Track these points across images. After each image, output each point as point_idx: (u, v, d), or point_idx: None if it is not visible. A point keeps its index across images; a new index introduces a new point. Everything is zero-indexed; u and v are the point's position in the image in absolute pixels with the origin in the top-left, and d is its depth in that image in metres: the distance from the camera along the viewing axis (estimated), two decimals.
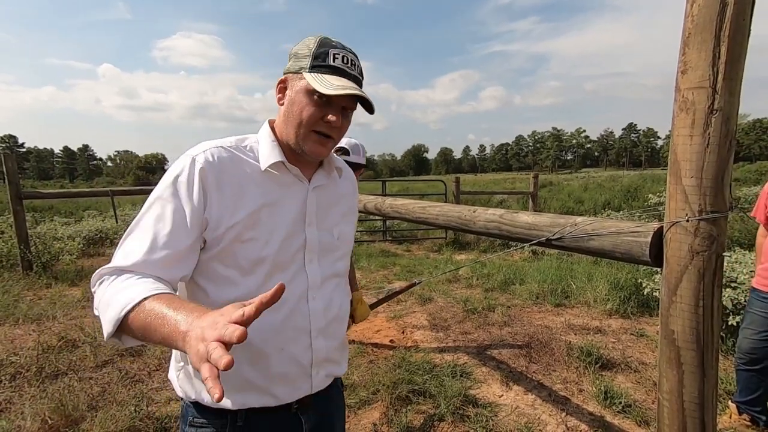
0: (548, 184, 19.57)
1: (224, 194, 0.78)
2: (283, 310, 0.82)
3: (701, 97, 0.88)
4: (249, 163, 0.82)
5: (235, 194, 0.79)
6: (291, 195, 0.86)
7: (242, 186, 0.80)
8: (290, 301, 0.83)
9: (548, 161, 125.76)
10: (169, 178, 0.77)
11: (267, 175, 0.83)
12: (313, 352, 0.87)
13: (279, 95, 0.85)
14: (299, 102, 0.80)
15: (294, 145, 0.83)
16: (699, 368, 0.93)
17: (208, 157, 0.78)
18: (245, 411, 0.83)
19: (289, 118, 0.83)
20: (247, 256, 0.79)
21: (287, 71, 0.84)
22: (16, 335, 3.36)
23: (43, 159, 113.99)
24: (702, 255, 0.90)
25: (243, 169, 0.81)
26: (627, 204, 11.20)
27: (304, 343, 0.86)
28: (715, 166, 0.88)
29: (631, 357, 2.95)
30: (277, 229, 0.82)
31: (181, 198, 0.75)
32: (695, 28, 0.88)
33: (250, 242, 0.79)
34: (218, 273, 0.80)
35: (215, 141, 0.84)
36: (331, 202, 0.93)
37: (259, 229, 0.80)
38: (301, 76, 0.80)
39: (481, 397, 2.49)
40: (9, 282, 4.85)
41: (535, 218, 1.41)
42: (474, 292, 4.61)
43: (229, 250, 0.78)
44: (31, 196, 5.99)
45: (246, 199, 0.80)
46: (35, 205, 13.09)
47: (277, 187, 0.84)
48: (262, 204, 0.81)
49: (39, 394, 2.42)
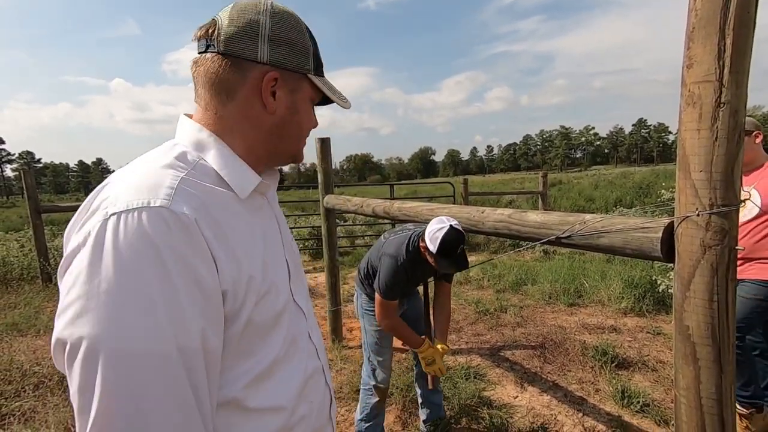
0: (558, 183, 19.37)
1: (229, 247, 0.53)
2: (302, 359, 0.66)
3: (708, 91, 0.88)
4: (221, 194, 0.57)
5: (239, 241, 0.56)
6: (268, 220, 0.67)
7: (236, 229, 0.56)
8: (302, 344, 0.67)
9: (557, 160, 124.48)
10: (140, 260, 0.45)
11: (244, 204, 0.61)
12: (330, 391, 0.75)
13: (268, 97, 0.60)
14: (304, 110, 0.65)
15: (283, 157, 0.67)
16: (716, 363, 0.92)
17: (191, 198, 0.51)
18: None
19: (286, 128, 0.63)
20: (266, 316, 0.58)
21: (279, 64, 0.60)
22: (38, 346, 3.45)
23: (59, 173, 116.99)
24: (714, 249, 0.90)
25: (223, 205, 0.56)
26: (639, 200, 11.03)
27: (321, 384, 0.71)
28: (724, 159, 0.87)
29: (648, 356, 2.90)
30: (278, 267, 0.64)
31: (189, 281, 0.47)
32: (699, 22, 0.88)
33: (266, 297, 0.58)
34: (236, 350, 0.55)
35: (161, 171, 0.53)
36: (281, 216, 0.76)
37: (270, 275, 0.60)
38: (303, 78, 0.63)
39: (496, 399, 2.47)
40: (30, 294, 4.98)
41: (544, 217, 1.41)
42: (485, 294, 4.58)
43: (249, 319, 0.55)
44: (50, 209, 6.15)
45: (251, 242, 0.58)
46: (53, 219, 13.42)
47: (257, 215, 0.64)
48: (264, 244, 0.61)
49: (62, 403, 2.48)
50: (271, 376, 0.59)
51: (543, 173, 8.88)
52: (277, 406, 0.60)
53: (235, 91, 0.59)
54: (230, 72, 0.58)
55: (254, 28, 0.58)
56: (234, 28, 0.57)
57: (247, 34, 0.58)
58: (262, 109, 0.61)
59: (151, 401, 0.44)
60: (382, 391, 1.94)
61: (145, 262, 0.45)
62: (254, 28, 0.58)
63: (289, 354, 0.63)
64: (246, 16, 0.58)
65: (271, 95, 0.60)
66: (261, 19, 0.58)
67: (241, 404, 0.56)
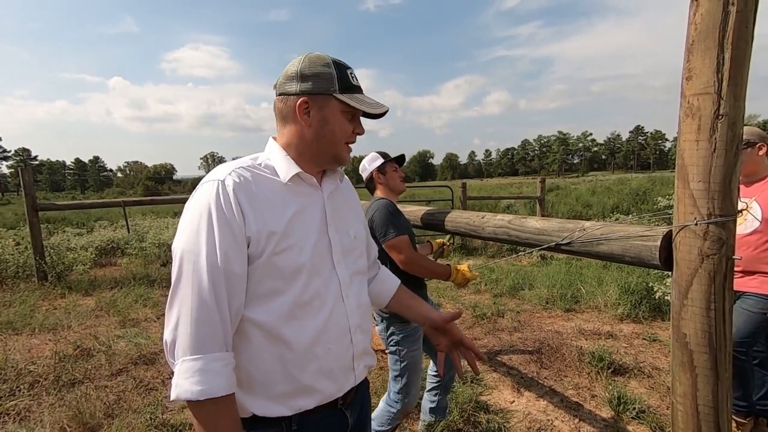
0: (555, 188, 19.45)
1: (257, 210, 0.81)
2: (325, 312, 0.88)
3: (706, 103, 0.90)
4: (269, 179, 0.87)
5: (266, 208, 0.82)
6: (311, 203, 0.91)
7: (270, 200, 0.84)
8: (329, 303, 0.89)
9: (555, 165, 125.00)
10: (202, 207, 0.78)
11: (288, 188, 0.88)
12: (353, 347, 0.93)
13: (303, 116, 0.88)
14: (335, 121, 0.89)
15: (326, 157, 0.92)
16: (712, 371, 0.93)
17: (234, 178, 0.81)
18: (298, 415, 0.86)
19: (321, 136, 0.89)
20: (287, 266, 0.83)
21: (307, 92, 0.87)
22: (33, 344, 3.43)
23: (56, 171, 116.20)
24: (712, 258, 0.91)
25: (267, 185, 0.85)
26: (636, 207, 11.08)
27: (346, 340, 0.92)
28: (722, 170, 0.89)
29: (643, 362, 2.92)
30: (307, 236, 0.87)
31: (223, 223, 0.77)
32: (698, 36, 0.90)
33: (287, 251, 0.83)
34: (264, 286, 0.82)
35: (231, 164, 0.87)
36: (343, 205, 1.01)
37: (292, 237, 0.84)
38: (329, 97, 0.88)
39: (493, 404, 2.48)
40: (25, 292, 4.95)
41: (544, 223, 1.42)
42: (483, 298, 4.60)
43: (269, 262, 0.81)
44: (47, 207, 6.12)
45: (277, 211, 0.84)
46: (48, 217, 13.34)
47: (299, 197, 0.89)
48: (292, 214, 0.85)
49: (57, 403, 2.47)
50: (294, 315, 0.84)
51: (541, 178, 8.92)
52: (293, 340, 0.83)
53: (287, 117, 0.91)
54: (283, 105, 0.90)
55: (292, 74, 0.89)
56: (282, 78, 0.91)
57: (288, 79, 0.89)
58: (303, 125, 0.89)
59: (189, 287, 0.76)
60: (408, 411, 1.96)
61: (202, 210, 0.78)
62: (292, 73, 0.89)
63: (313, 304, 0.86)
64: (290, 68, 0.90)
65: (305, 114, 0.88)
66: (297, 67, 0.88)
67: (272, 328, 0.82)
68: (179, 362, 0.75)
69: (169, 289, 0.79)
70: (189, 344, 0.74)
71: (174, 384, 0.74)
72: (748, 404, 2.09)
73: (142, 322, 3.97)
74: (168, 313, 0.78)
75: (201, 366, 0.74)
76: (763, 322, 1.95)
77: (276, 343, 0.83)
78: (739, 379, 2.05)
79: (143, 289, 4.98)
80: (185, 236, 0.78)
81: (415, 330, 1.85)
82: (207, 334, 0.75)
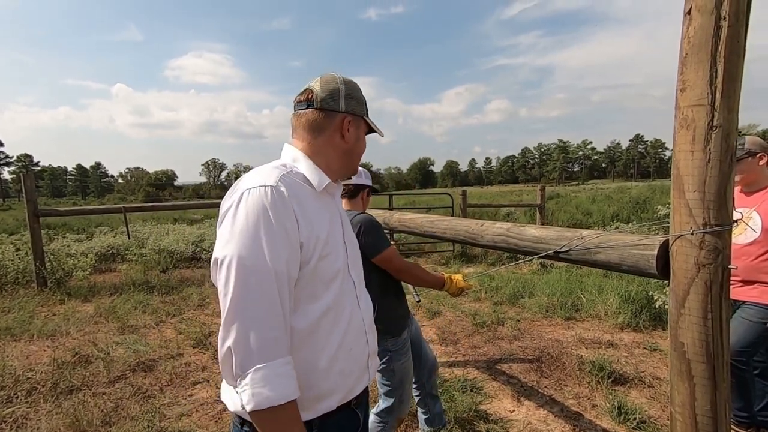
0: (556, 196, 19.48)
1: (306, 216, 0.84)
2: (346, 315, 0.92)
3: (700, 114, 0.91)
4: (305, 187, 0.90)
5: (312, 215, 0.86)
6: (334, 212, 0.98)
7: (313, 207, 0.88)
8: (349, 306, 0.94)
9: (555, 173, 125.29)
10: (258, 212, 0.77)
11: (319, 197, 0.92)
12: (369, 347, 0.99)
13: (345, 132, 0.96)
14: (363, 139, 1.02)
15: (346, 170, 1.01)
16: (710, 381, 0.94)
17: (285, 184, 0.83)
18: (319, 417, 0.88)
19: (352, 151, 0.99)
20: (327, 271, 0.87)
21: (350, 112, 0.97)
22: (31, 351, 3.42)
23: (57, 177, 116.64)
24: (708, 267, 0.92)
25: (306, 193, 0.89)
26: (636, 216, 11.09)
27: (362, 340, 0.97)
28: (717, 180, 0.90)
29: (644, 371, 2.90)
30: (338, 242, 0.94)
31: (282, 228, 0.78)
32: (692, 49, 0.92)
33: (329, 257, 0.87)
34: (305, 291, 0.85)
35: (271, 170, 0.87)
36: (345, 214, 1.09)
37: (331, 244, 0.89)
38: (361, 119, 1.00)
39: (493, 413, 2.46)
40: (24, 298, 4.94)
41: (542, 231, 1.43)
42: (483, 306, 4.58)
43: (315, 268, 0.85)
44: (48, 213, 6.13)
45: (320, 218, 0.88)
46: (49, 222, 13.36)
47: (327, 205, 0.95)
48: (328, 221, 0.91)
49: (54, 410, 2.46)
50: (324, 320, 0.87)
51: (541, 186, 8.94)
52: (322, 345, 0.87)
53: (324, 129, 0.96)
54: (323, 118, 0.95)
55: (337, 92, 0.96)
56: (325, 93, 0.95)
57: (333, 95, 0.95)
58: (341, 140, 0.97)
59: (253, 294, 0.75)
60: (402, 419, 1.95)
61: (259, 215, 0.78)
62: (337, 92, 0.96)
63: (339, 308, 0.90)
64: (332, 86, 0.96)
65: (347, 131, 0.97)
66: (340, 87, 0.96)
67: (305, 333, 0.85)
68: (252, 371, 0.73)
69: (225, 300, 0.76)
70: (261, 352, 0.74)
71: (250, 394, 0.73)
72: (750, 415, 2.07)
73: (141, 329, 3.96)
74: (229, 324, 0.75)
75: (276, 371, 0.75)
76: (763, 332, 1.95)
77: (307, 348, 0.85)
78: (741, 390, 2.04)
79: (143, 296, 4.97)
80: (242, 243, 0.76)
81: (405, 341, 1.84)
82: (275, 339, 0.76)
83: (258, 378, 0.74)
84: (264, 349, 0.75)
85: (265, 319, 0.75)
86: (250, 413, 0.75)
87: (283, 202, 0.80)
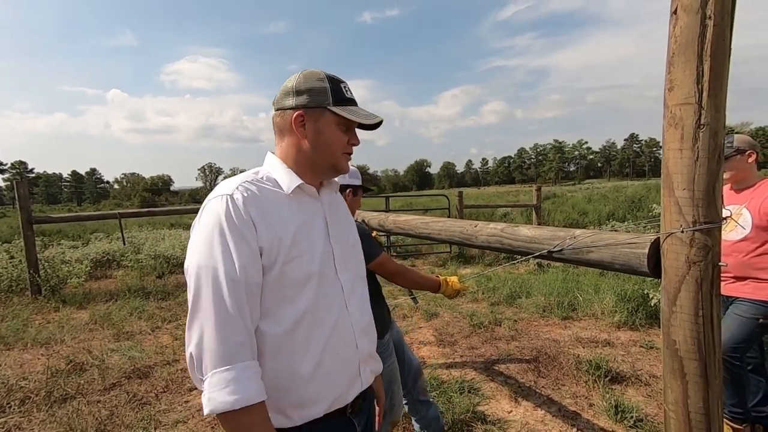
0: (552, 196, 19.56)
1: (267, 220, 0.83)
2: (331, 319, 0.90)
3: (688, 113, 0.92)
4: (273, 191, 0.89)
5: (275, 219, 0.85)
6: (313, 213, 0.95)
7: (277, 210, 0.86)
8: (334, 310, 0.91)
9: (551, 173, 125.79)
10: (213, 222, 0.79)
11: (291, 199, 0.90)
12: (359, 352, 0.96)
13: (299, 128, 0.91)
14: (329, 132, 0.92)
15: (324, 168, 0.95)
16: (702, 378, 0.94)
17: (243, 191, 0.83)
18: (307, 424, 0.86)
19: (316, 147, 0.92)
20: (298, 275, 0.85)
21: (302, 106, 0.90)
22: (25, 359, 3.38)
23: (52, 184, 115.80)
24: (698, 265, 0.92)
25: (272, 197, 0.88)
26: (631, 214, 11.15)
27: (351, 345, 0.94)
28: (705, 178, 0.91)
29: (641, 370, 2.91)
30: (314, 245, 0.90)
31: (237, 235, 0.78)
32: (678, 48, 0.92)
33: (297, 260, 0.85)
34: (275, 296, 0.84)
35: (235, 179, 0.88)
36: (339, 214, 1.04)
37: (301, 246, 0.87)
38: (323, 110, 0.91)
39: (490, 414, 2.46)
40: (18, 306, 4.89)
41: (536, 231, 1.43)
42: (480, 306, 4.59)
43: (281, 272, 0.83)
44: (42, 221, 6.09)
45: (284, 221, 0.86)
46: (44, 229, 13.26)
47: (303, 207, 0.92)
48: (299, 223, 0.88)
49: (48, 419, 2.43)
50: (302, 325, 0.85)
51: (537, 186, 8.96)
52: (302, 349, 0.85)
53: (285, 131, 0.93)
54: (281, 120, 0.93)
55: (288, 89, 0.92)
56: (280, 94, 0.94)
57: (285, 94, 0.93)
58: (299, 137, 0.92)
59: (209, 301, 0.76)
60: (397, 422, 1.94)
61: (214, 225, 0.79)
62: (288, 89, 0.92)
63: (320, 312, 0.88)
64: (287, 85, 0.93)
65: (301, 127, 0.91)
66: (292, 83, 0.92)
67: (282, 338, 0.84)
68: (209, 375, 0.74)
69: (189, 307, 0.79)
70: (218, 356, 0.74)
71: (207, 398, 0.74)
72: (744, 411, 2.08)
73: (137, 335, 3.92)
74: (189, 329, 0.78)
75: (233, 376, 0.74)
76: (756, 327, 1.96)
77: (285, 353, 0.84)
78: (735, 386, 2.05)
79: (138, 302, 4.93)
80: (200, 252, 0.78)
81: (387, 343, 1.83)
82: (235, 344, 0.76)
83: (214, 382, 0.74)
84: (221, 353, 0.75)
85: (222, 325, 0.75)
86: (218, 417, 0.75)
87: (237, 210, 0.80)
